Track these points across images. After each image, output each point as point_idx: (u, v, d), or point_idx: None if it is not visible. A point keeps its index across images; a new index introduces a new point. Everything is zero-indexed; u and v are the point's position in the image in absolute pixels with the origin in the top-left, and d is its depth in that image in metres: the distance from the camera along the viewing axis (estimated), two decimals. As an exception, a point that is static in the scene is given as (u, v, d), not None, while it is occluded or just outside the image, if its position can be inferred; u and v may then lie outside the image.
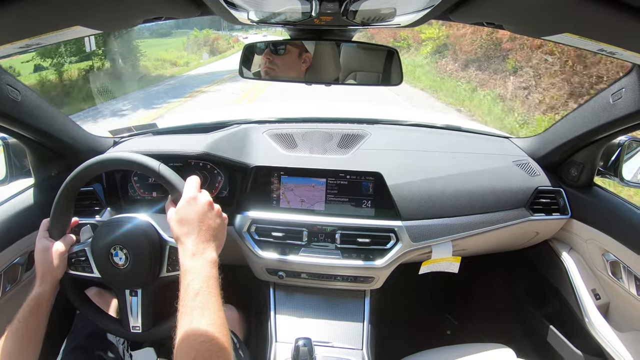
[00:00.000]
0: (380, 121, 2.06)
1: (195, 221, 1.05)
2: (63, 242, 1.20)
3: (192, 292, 0.95)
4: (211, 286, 0.98)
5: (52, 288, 1.16)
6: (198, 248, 1.03)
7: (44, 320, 1.14)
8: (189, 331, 0.89)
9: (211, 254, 1.04)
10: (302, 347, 1.36)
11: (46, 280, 1.15)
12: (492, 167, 1.71)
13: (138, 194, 1.70)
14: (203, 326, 0.90)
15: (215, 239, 1.08)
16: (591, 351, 1.63)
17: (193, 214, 1.06)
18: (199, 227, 1.05)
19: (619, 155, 1.56)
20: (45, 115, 1.41)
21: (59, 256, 1.17)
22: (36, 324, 1.12)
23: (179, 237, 1.05)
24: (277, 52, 1.50)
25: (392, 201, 1.57)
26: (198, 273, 0.98)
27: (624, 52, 0.92)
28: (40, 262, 1.16)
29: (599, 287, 1.66)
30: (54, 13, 0.76)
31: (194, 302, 0.93)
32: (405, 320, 2.29)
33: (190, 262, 1.00)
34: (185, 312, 0.93)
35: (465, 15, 1.03)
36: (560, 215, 1.70)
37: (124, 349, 1.41)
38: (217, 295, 0.97)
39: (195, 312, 0.92)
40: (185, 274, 0.99)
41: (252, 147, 1.70)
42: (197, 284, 0.96)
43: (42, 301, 1.13)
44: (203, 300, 0.94)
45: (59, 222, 1.21)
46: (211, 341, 0.88)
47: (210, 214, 1.09)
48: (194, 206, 1.07)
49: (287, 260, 1.57)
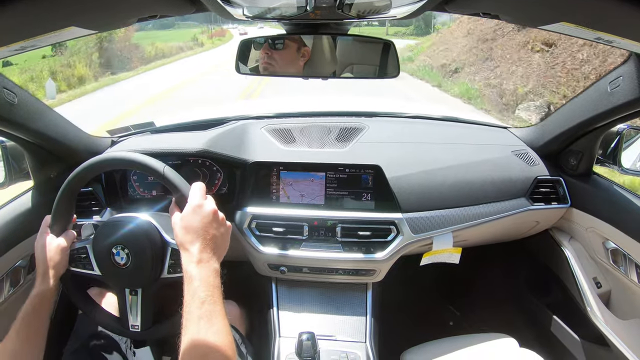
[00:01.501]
0: (378, 114, 2.06)
1: (200, 230, 1.05)
2: (65, 237, 1.19)
3: (199, 300, 0.95)
4: (216, 295, 0.98)
5: (54, 284, 1.15)
6: (203, 256, 1.02)
7: (47, 318, 1.14)
8: (197, 339, 0.90)
9: (215, 264, 1.04)
10: (306, 341, 1.37)
11: (48, 277, 1.14)
12: (491, 157, 1.71)
13: (138, 193, 1.70)
14: (211, 334, 0.91)
15: (218, 248, 1.07)
16: (593, 339, 1.63)
17: (198, 222, 1.05)
18: (204, 236, 1.04)
19: (617, 144, 1.56)
20: (42, 117, 1.40)
21: (60, 251, 1.17)
22: (39, 322, 1.12)
23: (183, 244, 1.05)
24: (275, 47, 1.49)
25: (391, 193, 1.57)
26: (204, 281, 0.98)
27: (622, 41, 0.92)
28: (41, 258, 1.16)
29: (600, 276, 1.66)
30: (49, 14, 0.75)
31: (201, 310, 0.94)
32: (407, 312, 2.29)
33: (196, 270, 1.00)
34: (191, 319, 0.93)
35: (461, 5, 1.03)
36: (560, 204, 1.70)
37: (126, 347, 1.41)
38: (221, 305, 0.98)
39: (202, 321, 0.92)
40: (191, 281, 0.99)
41: (250, 143, 1.69)
42: (204, 292, 0.96)
43: (45, 298, 1.13)
44: (209, 309, 0.95)
45: (61, 218, 1.20)
46: (218, 350, 0.89)
47: (215, 222, 1.08)
48: (200, 214, 1.06)
49: (288, 255, 1.57)
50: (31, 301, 1.12)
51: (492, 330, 1.63)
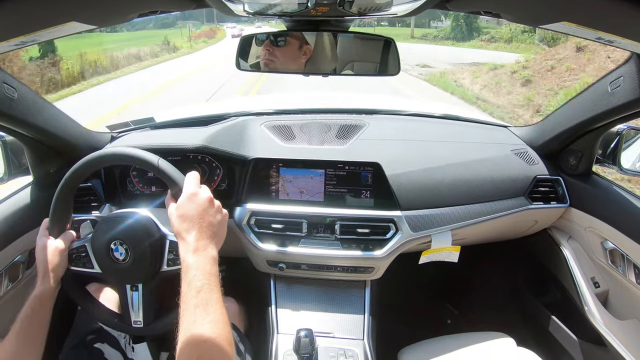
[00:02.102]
0: (378, 111, 2.06)
1: (196, 217, 1.05)
2: (63, 239, 1.20)
3: (195, 289, 0.95)
4: (213, 283, 0.98)
5: (53, 286, 1.16)
6: (199, 244, 1.03)
7: (46, 319, 1.14)
8: (193, 328, 0.90)
9: (212, 252, 1.04)
10: (304, 338, 1.37)
11: (47, 279, 1.15)
12: (490, 156, 1.71)
13: (137, 189, 1.70)
14: (207, 323, 0.90)
15: (215, 235, 1.08)
16: (591, 339, 1.64)
17: (194, 210, 1.06)
18: (200, 223, 1.05)
19: (617, 144, 1.55)
20: (42, 112, 1.40)
21: (59, 254, 1.17)
22: (39, 323, 1.12)
23: (179, 233, 1.05)
24: (277, 44, 1.49)
25: (391, 191, 1.57)
26: (200, 269, 0.99)
27: (623, 41, 0.92)
28: (41, 260, 1.16)
29: (598, 275, 1.67)
30: (49, 9, 0.75)
31: (197, 298, 0.94)
32: (405, 309, 2.30)
33: (192, 258, 1.00)
34: (188, 308, 0.93)
35: (462, 3, 1.02)
36: (559, 203, 1.70)
37: (125, 343, 1.42)
38: (218, 292, 0.98)
39: (199, 309, 0.92)
40: (188, 270, 0.99)
41: (250, 140, 1.70)
42: (200, 281, 0.96)
43: (45, 300, 1.14)
44: (206, 297, 0.94)
45: (59, 219, 1.21)
46: (215, 338, 0.89)
47: (211, 210, 1.09)
48: (195, 202, 1.07)
49: (287, 252, 1.57)
50: (30, 303, 1.12)
51: (490, 329, 1.63)
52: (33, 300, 1.12)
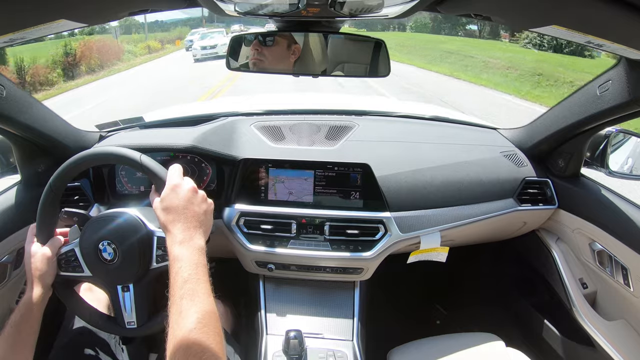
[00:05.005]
0: (367, 112, 2.06)
1: (180, 208, 1.05)
2: (50, 246, 1.18)
3: (181, 280, 0.95)
4: (200, 273, 0.98)
5: (42, 293, 1.14)
6: (185, 235, 1.03)
7: (36, 325, 1.13)
8: (180, 319, 0.89)
9: (199, 241, 1.04)
10: (293, 339, 1.37)
11: (37, 286, 1.14)
12: (479, 158, 1.72)
13: (126, 189, 1.68)
14: (193, 313, 0.90)
15: (201, 225, 1.08)
16: (579, 339, 1.65)
17: (178, 201, 1.06)
18: (185, 213, 1.05)
19: (605, 146, 1.57)
20: (30, 110, 1.38)
21: (47, 261, 1.16)
22: (28, 329, 1.11)
23: (165, 225, 1.05)
24: (265, 44, 1.49)
25: (380, 192, 1.57)
26: (187, 260, 0.98)
27: (611, 45, 0.93)
28: (30, 267, 1.15)
29: (586, 277, 1.68)
30: (38, 6, 0.74)
31: (183, 289, 0.93)
32: (395, 310, 2.31)
33: (179, 250, 1.00)
34: (175, 301, 0.93)
35: (453, 6, 1.03)
36: (547, 205, 1.72)
37: (115, 343, 1.41)
38: (206, 282, 0.98)
39: (185, 300, 0.92)
40: (174, 262, 0.99)
41: (239, 140, 1.69)
42: (186, 272, 0.96)
43: (33, 306, 1.12)
44: (192, 287, 0.94)
45: (45, 225, 1.19)
46: (202, 328, 0.88)
47: (195, 199, 1.09)
48: (179, 193, 1.07)
49: (276, 253, 1.57)
50: (19, 309, 1.11)
51: (479, 329, 1.64)
52: (22, 307, 1.11)
